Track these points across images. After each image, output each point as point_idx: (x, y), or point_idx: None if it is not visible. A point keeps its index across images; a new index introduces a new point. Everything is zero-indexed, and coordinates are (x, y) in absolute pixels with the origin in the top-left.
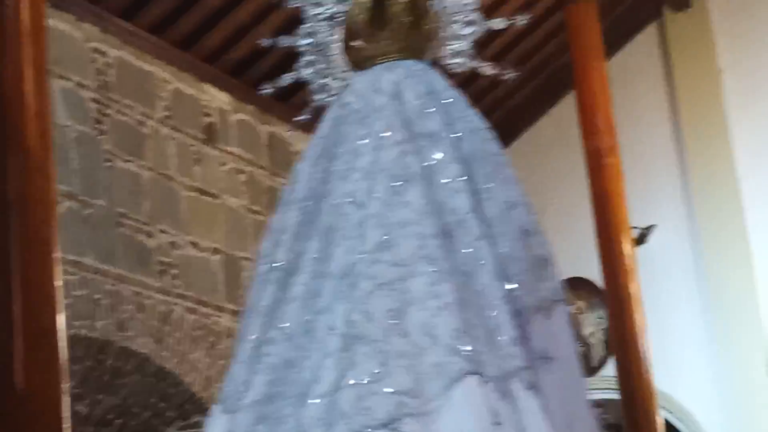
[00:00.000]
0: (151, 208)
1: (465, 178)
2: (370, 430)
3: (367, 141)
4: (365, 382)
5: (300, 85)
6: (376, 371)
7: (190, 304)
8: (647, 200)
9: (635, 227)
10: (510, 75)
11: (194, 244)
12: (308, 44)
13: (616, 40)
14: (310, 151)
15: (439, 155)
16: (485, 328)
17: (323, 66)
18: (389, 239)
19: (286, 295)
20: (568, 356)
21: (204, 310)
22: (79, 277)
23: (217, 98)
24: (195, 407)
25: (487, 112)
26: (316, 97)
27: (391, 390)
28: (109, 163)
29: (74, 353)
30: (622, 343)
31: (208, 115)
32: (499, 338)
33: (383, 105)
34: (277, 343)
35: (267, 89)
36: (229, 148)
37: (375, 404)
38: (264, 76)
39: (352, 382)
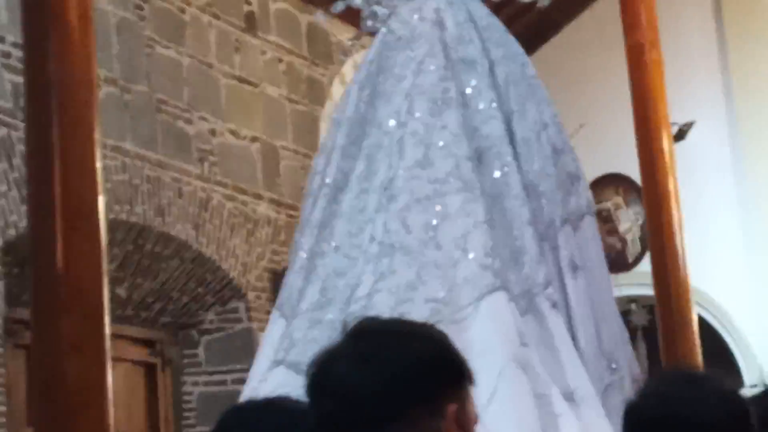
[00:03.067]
0: (191, 95)
1: (496, 105)
2: None
3: (409, 66)
4: (402, 288)
5: None
6: (413, 279)
7: (228, 192)
8: (687, 96)
9: (675, 123)
10: (543, 3)
11: (233, 132)
12: None
13: None
14: (358, 75)
15: (475, 82)
16: (511, 248)
17: None
18: (428, 158)
19: (335, 211)
20: (595, 265)
21: (242, 197)
22: (119, 162)
23: None
24: (233, 293)
25: (528, 6)
26: (366, 23)
27: (426, 297)
28: (149, 50)
29: (114, 237)
30: (658, 240)
31: (248, 3)
32: (523, 259)
33: (425, 32)
34: (327, 256)
35: (321, 14)
36: (269, 37)
37: (411, 310)
38: None
39: (389, 287)
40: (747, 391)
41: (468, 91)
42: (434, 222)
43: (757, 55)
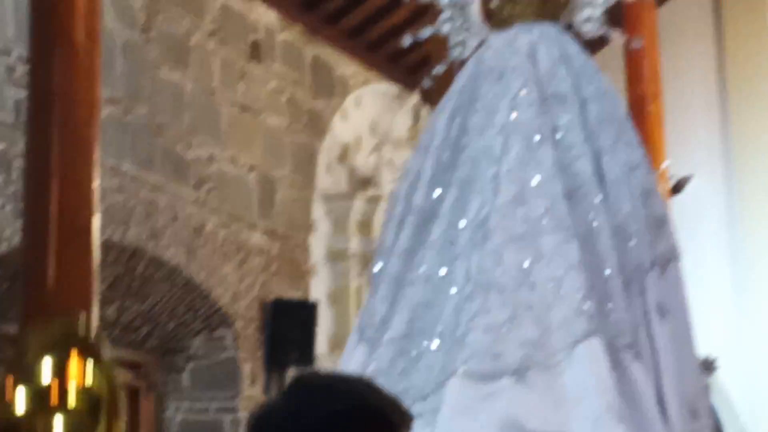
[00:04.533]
0: (192, 120)
1: (586, 143)
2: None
3: (503, 99)
4: (497, 328)
5: (347, 11)
6: (507, 320)
7: (223, 219)
8: (686, 150)
9: (672, 175)
10: (637, 43)
11: (232, 160)
12: (448, 2)
13: None
14: (447, 103)
15: (566, 118)
16: (599, 292)
17: (461, 23)
18: (522, 196)
19: (423, 240)
20: (680, 311)
21: (236, 225)
22: (117, 182)
23: (264, 16)
24: (221, 320)
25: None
26: (454, 52)
27: (521, 341)
28: (153, 72)
29: (106, 258)
30: None
31: (254, 32)
32: (609, 305)
33: (519, 65)
34: (416, 285)
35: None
36: (273, 67)
37: (505, 351)
38: None
39: (485, 324)
40: None
41: (559, 127)
42: (528, 262)
43: (758, 112)
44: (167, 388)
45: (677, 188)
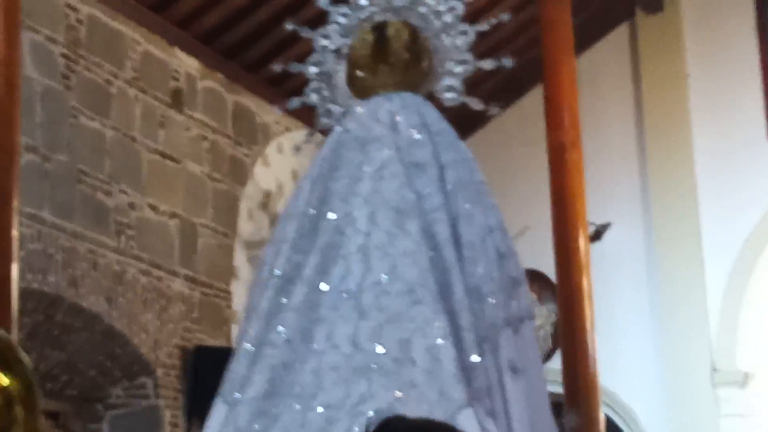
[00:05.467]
0: (112, 167)
1: (445, 207)
2: None
3: (367, 168)
4: (385, 412)
5: (269, 59)
6: (393, 402)
7: (144, 266)
8: (605, 197)
9: (591, 223)
10: (494, 111)
11: (152, 207)
12: (315, 72)
13: (587, 37)
14: (312, 170)
15: (425, 185)
16: (459, 352)
17: (328, 93)
18: (394, 271)
19: (285, 303)
20: (533, 368)
21: (157, 273)
22: (35, 230)
23: (185, 63)
24: (141, 368)
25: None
26: (322, 120)
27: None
28: (73, 120)
29: (25, 306)
30: (570, 338)
31: (176, 79)
32: (469, 360)
33: (382, 135)
34: (276, 346)
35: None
36: (194, 114)
37: None
38: (234, 45)
39: (371, 408)
40: None
41: (421, 195)
42: (407, 338)
43: (675, 160)
44: None
45: (597, 236)
